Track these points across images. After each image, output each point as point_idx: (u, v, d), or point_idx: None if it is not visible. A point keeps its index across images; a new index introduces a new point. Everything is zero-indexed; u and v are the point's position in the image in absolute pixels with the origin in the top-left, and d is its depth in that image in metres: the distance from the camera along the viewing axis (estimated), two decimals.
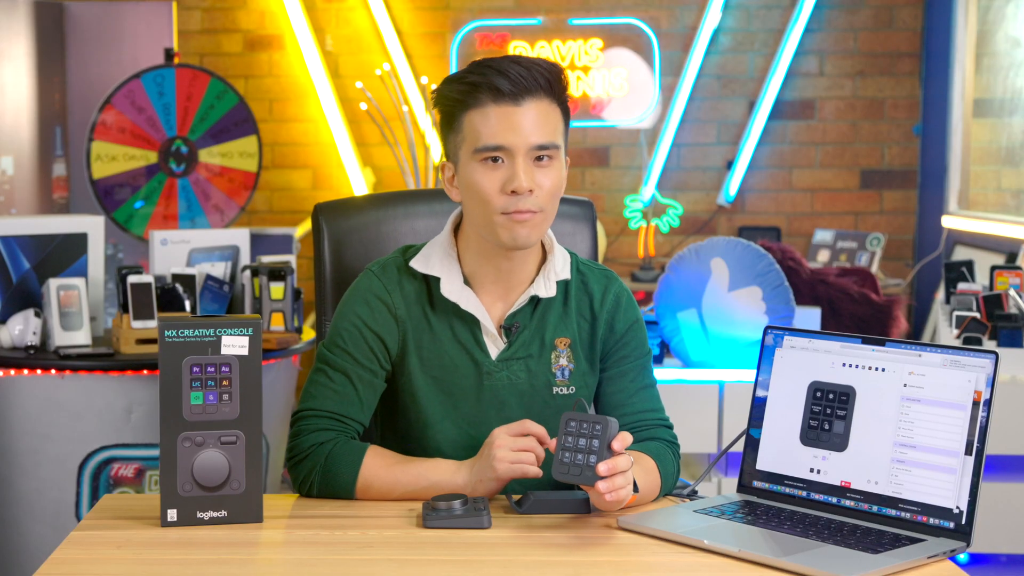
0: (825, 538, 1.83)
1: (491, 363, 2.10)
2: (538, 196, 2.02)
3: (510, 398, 2.11)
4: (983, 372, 1.86)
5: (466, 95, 2.02)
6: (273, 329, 3.62)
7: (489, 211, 2.02)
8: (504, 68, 2.00)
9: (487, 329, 2.10)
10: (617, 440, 1.85)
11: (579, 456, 1.85)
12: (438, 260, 2.11)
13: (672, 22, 6.13)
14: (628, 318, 2.17)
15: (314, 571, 1.74)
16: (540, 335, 2.12)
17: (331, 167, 6.18)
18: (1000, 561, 3.61)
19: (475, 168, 2.02)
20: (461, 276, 2.10)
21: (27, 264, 3.57)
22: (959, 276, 4.24)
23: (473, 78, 2.01)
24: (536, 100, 2.01)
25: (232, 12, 6.15)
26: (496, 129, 2.00)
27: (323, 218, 2.39)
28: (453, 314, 2.10)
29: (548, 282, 2.11)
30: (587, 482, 1.85)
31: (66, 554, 1.79)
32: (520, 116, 2.00)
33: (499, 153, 2.01)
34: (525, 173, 2.00)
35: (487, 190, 2.01)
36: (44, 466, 3.43)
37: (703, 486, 2.40)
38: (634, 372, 2.17)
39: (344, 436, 2.06)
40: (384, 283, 2.11)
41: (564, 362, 2.12)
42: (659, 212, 6.05)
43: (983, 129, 5.76)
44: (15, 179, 5.12)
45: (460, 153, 2.05)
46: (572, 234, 2.45)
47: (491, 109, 2.00)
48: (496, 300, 2.12)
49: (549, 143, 2.02)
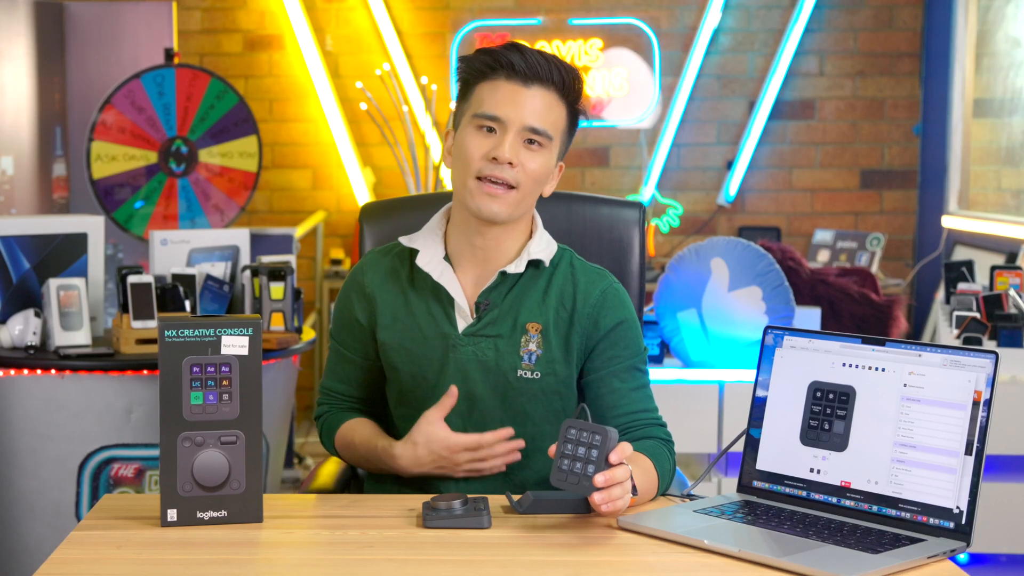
0: (825, 538, 1.83)
1: (457, 336, 2.14)
2: (518, 172, 2.07)
3: (475, 374, 2.14)
4: (983, 372, 1.86)
5: (485, 66, 2.10)
6: (273, 329, 3.62)
7: (467, 174, 2.09)
8: (526, 52, 2.09)
9: (459, 305, 2.15)
10: (615, 452, 1.86)
11: (577, 465, 1.86)
12: (423, 235, 2.19)
13: (672, 22, 6.13)
14: (615, 316, 2.17)
15: (314, 571, 1.74)
16: (512, 316, 2.15)
17: (331, 167, 6.18)
18: (1000, 561, 3.61)
19: (469, 132, 2.10)
20: (442, 252, 2.17)
21: (27, 264, 3.57)
22: (959, 276, 4.24)
23: (499, 53, 2.09)
24: (544, 88, 2.09)
25: (232, 12, 6.15)
26: (499, 101, 2.08)
27: (365, 220, 2.47)
28: (431, 290, 2.16)
29: (520, 261, 2.15)
30: (584, 492, 1.86)
31: (66, 554, 1.79)
32: (524, 96, 2.08)
33: (494, 123, 2.08)
34: (511, 147, 2.07)
35: (471, 152, 2.08)
36: (44, 466, 3.43)
37: (703, 486, 2.40)
38: (625, 372, 2.17)
39: (335, 409, 2.27)
40: (364, 263, 2.24)
41: (533, 347, 2.15)
42: (659, 212, 6.05)
43: (983, 129, 5.76)
44: (15, 179, 5.12)
45: (462, 120, 2.13)
46: (620, 240, 2.43)
47: (501, 83, 2.08)
48: (472, 278, 2.17)
49: (543, 129, 2.08)
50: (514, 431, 2.10)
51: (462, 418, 2.15)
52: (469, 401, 2.15)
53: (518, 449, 2.10)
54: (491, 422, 2.15)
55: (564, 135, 2.13)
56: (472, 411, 2.15)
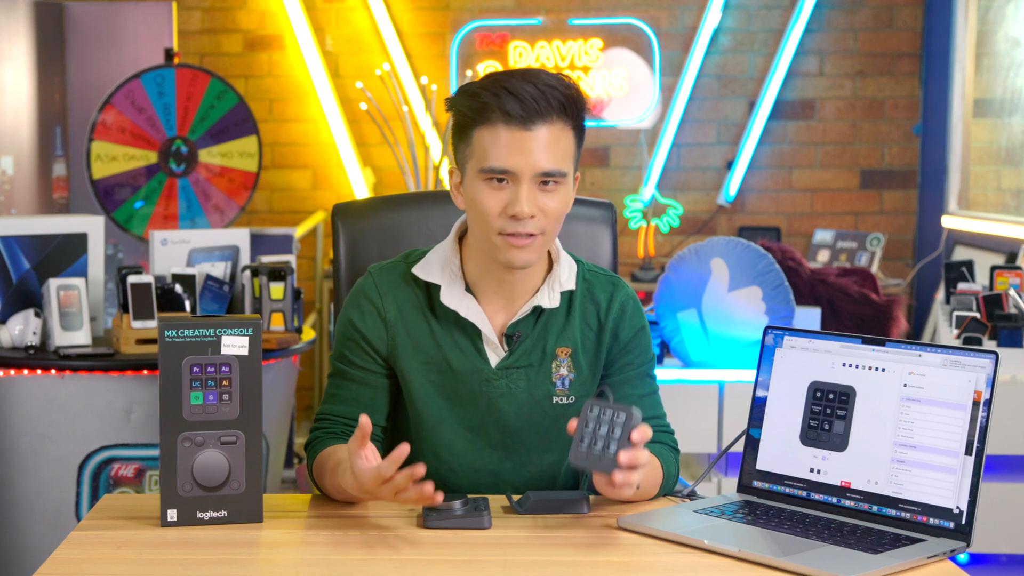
0: (825, 538, 1.83)
1: (491, 371, 2.09)
2: (539, 220, 2.00)
3: (508, 407, 2.10)
4: (983, 372, 1.86)
5: (478, 113, 1.99)
6: (273, 329, 3.62)
7: (488, 230, 2.01)
8: (518, 90, 1.96)
9: (487, 337, 2.09)
10: (636, 431, 1.83)
11: (598, 444, 1.84)
12: (439, 267, 2.10)
13: (672, 22, 6.13)
14: (633, 325, 2.15)
15: (314, 571, 1.74)
16: (542, 345, 2.11)
17: (331, 167, 6.18)
18: (1000, 561, 3.61)
19: (480, 186, 2.00)
20: (463, 284, 2.09)
21: (27, 264, 3.57)
22: (959, 276, 4.24)
23: (487, 97, 1.98)
24: (548, 124, 1.98)
25: (232, 12, 6.15)
26: (504, 152, 1.97)
27: (339, 219, 2.41)
28: (454, 321, 2.09)
29: (552, 293, 2.10)
30: (604, 469, 1.83)
31: (66, 554, 1.79)
32: (530, 141, 1.97)
33: (504, 175, 1.99)
34: (528, 199, 1.97)
35: (489, 210, 1.99)
36: (44, 466, 3.43)
37: (703, 486, 2.40)
38: (637, 379, 2.16)
39: (327, 435, 2.09)
40: (378, 285, 2.12)
41: (564, 371, 2.11)
42: (659, 212, 6.05)
43: (983, 129, 5.76)
44: (15, 179, 5.12)
45: (467, 166, 2.04)
46: (591, 236, 2.44)
47: (501, 130, 1.97)
48: (498, 309, 2.10)
49: (556, 170, 1.99)
50: (426, 467, 1.85)
51: (498, 450, 2.12)
52: (503, 433, 2.11)
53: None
54: (527, 452, 2.12)
55: (576, 156, 2.05)
56: (507, 442, 2.12)
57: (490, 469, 2.12)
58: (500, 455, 2.12)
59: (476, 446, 2.09)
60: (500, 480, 2.12)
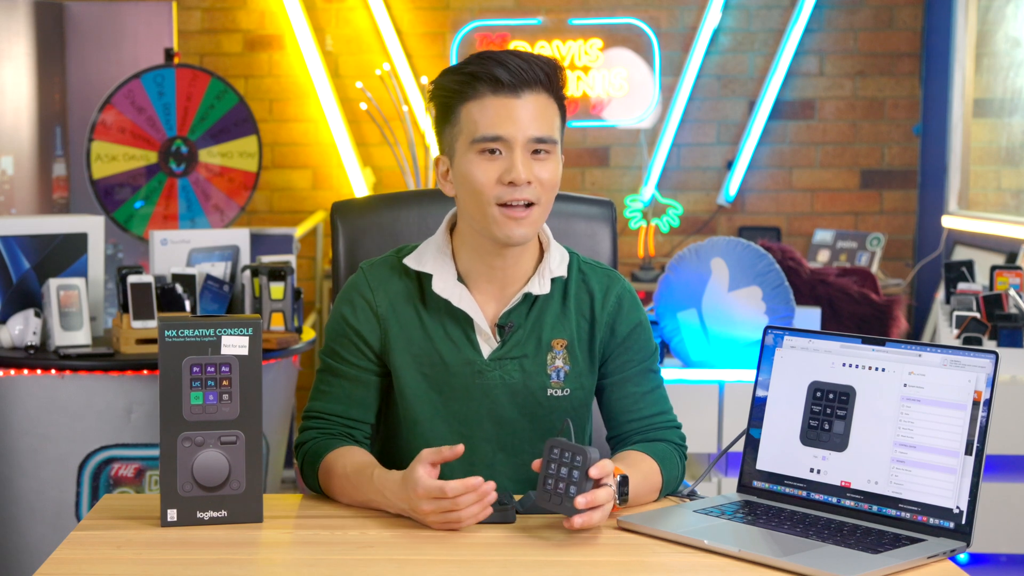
0: (825, 538, 1.83)
1: (483, 362, 2.08)
2: (535, 187, 2.00)
3: (502, 397, 2.09)
4: (983, 372, 1.86)
5: (464, 85, 2.01)
6: (273, 329, 3.62)
7: (484, 203, 2.00)
8: (503, 59, 2.00)
9: (480, 327, 2.08)
10: (595, 468, 1.83)
11: (560, 485, 1.84)
12: (431, 257, 2.10)
13: (672, 22, 6.13)
14: (630, 320, 2.14)
15: (314, 571, 1.74)
16: (536, 335, 2.10)
17: (331, 167, 6.18)
18: (1000, 561, 3.61)
19: (472, 159, 2.01)
20: (455, 273, 2.09)
21: (27, 264, 3.57)
22: (959, 276, 4.24)
23: (472, 68, 2.00)
24: (535, 94, 2.01)
25: (232, 12, 6.15)
26: (495, 120, 1.99)
27: (338, 217, 2.41)
28: (446, 312, 2.09)
29: (543, 280, 2.09)
30: (567, 512, 1.84)
31: (66, 554, 1.79)
32: (519, 108, 1.99)
33: (497, 144, 1.99)
34: (523, 164, 1.99)
35: (483, 181, 2.00)
36: (44, 466, 3.43)
37: (703, 486, 2.40)
38: (639, 376, 2.15)
39: (324, 435, 2.09)
40: (369, 280, 2.12)
41: (560, 363, 2.10)
42: (659, 212, 6.05)
43: (983, 129, 5.76)
44: (15, 179, 5.12)
45: (456, 145, 2.04)
46: (591, 235, 2.44)
47: (489, 100, 1.99)
48: (490, 298, 2.10)
49: (547, 136, 2.01)
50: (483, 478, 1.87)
51: (491, 443, 2.11)
52: (498, 425, 2.10)
53: None
54: (521, 444, 2.11)
55: (561, 130, 2.07)
56: (501, 435, 2.11)
57: (485, 462, 2.11)
58: (494, 447, 2.11)
59: (470, 440, 2.08)
60: (495, 473, 2.10)
